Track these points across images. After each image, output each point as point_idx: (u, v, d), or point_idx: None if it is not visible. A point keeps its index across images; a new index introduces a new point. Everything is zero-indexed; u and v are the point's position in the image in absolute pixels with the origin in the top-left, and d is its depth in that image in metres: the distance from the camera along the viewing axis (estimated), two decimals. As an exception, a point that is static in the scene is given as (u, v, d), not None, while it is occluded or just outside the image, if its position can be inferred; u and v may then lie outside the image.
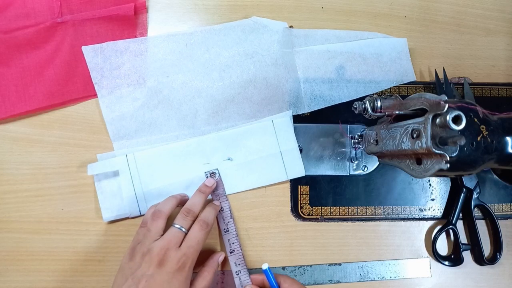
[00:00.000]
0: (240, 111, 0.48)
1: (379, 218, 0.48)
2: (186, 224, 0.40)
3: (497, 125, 0.37)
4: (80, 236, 0.45)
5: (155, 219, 0.40)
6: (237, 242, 0.45)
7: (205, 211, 0.43)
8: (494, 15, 0.53)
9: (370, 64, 0.50)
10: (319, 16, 0.51)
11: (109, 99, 0.46)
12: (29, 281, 0.45)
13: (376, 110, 0.39)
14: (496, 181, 0.50)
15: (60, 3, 0.46)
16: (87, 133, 0.47)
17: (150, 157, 0.46)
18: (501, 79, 0.52)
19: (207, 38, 0.48)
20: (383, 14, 0.52)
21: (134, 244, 0.40)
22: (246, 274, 0.44)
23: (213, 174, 0.46)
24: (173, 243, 0.38)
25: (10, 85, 0.45)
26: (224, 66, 0.48)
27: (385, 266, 0.48)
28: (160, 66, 0.47)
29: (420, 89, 0.51)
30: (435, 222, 0.49)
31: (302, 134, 0.49)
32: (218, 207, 0.45)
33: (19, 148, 0.46)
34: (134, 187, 0.45)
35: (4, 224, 0.45)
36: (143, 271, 0.37)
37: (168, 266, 0.37)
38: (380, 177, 0.49)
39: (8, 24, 0.45)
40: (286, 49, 0.49)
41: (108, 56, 0.46)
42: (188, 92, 0.47)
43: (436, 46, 0.52)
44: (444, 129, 0.33)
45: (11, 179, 0.46)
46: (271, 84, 0.48)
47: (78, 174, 0.46)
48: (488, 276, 0.49)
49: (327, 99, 0.49)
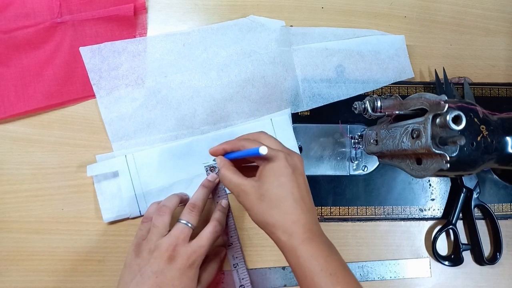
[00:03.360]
0: (238, 110, 0.48)
1: (379, 218, 0.48)
2: (192, 219, 0.40)
3: (497, 125, 0.37)
4: (80, 236, 0.45)
5: (161, 214, 0.40)
6: (235, 235, 0.45)
7: (217, 213, 0.43)
8: (494, 15, 0.53)
9: (368, 62, 0.50)
10: (319, 16, 0.51)
11: (107, 99, 0.46)
12: (29, 281, 0.45)
13: (376, 110, 0.39)
14: (496, 181, 0.49)
15: (60, 3, 0.46)
16: (87, 133, 0.47)
17: (149, 157, 0.46)
18: (501, 79, 0.52)
19: (204, 38, 0.48)
20: (383, 14, 0.52)
21: (138, 240, 0.40)
22: (244, 267, 0.44)
23: (213, 168, 0.46)
24: (181, 239, 0.38)
25: (9, 85, 0.45)
26: (222, 65, 0.48)
27: (385, 266, 0.48)
28: (158, 66, 0.47)
29: (420, 89, 0.50)
30: (435, 222, 0.49)
31: (302, 134, 0.49)
32: (226, 208, 0.45)
33: (19, 148, 0.46)
34: (134, 188, 0.45)
35: (4, 224, 0.45)
36: (153, 267, 0.37)
37: (178, 262, 0.37)
38: (380, 177, 0.49)
39: (7, 24, 0.45)
40: (284, 47, 0.49)
41: (106, 57, 0.46)
42: (187, 92, 0.47)
43: (436, 46, 0.52)
44: (444, 129, 0.33)
45: (11, 179, 0.46)
46: (270, 83, 0.48)
47: (78, 174, 0.46)
48: (488, 276, 0.49)
49: (325, 97, 0.49)
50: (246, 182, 0.37)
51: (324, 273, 0.33)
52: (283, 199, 0.35)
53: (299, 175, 0.37)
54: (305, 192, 0.36)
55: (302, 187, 0.36)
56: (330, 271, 0.33)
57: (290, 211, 0.35)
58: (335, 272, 0.33)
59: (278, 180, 0.35)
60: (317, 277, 0.33)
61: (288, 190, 0.35)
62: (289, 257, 0.35)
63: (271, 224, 0.35)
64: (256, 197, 0.36)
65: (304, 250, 0.34)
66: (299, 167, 0.37)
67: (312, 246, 0.34)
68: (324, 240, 0.35)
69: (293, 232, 0.34)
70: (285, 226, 0.34)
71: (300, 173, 0.37)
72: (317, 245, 0.34)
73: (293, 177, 0.36)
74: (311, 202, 0.37)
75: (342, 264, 0.34)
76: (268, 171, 0.36)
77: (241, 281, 0.45)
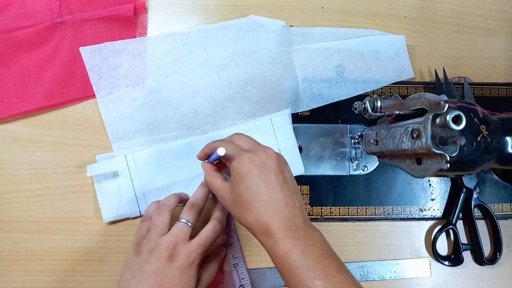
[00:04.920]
0: (238, 110, 0.48)
1: (379, 218, 0.48)
2: (192, 218, 0.40)
3: (497, 125, 0.37)
4: (80, 236, 0.45)
5: (161, 213, 0.40)
6: (235, 235, 0.46)
7: (217, 212, 0.43)
8: (494, 15, 0.53)
9: (368, 62, 0.50)
10: (319, 16, 0.51)
11: (107, 100, 0.46)
12: (29, 281, 0.45)
13: (376, 110, 0.39)
14: (496, 181, 0.49)
15: (60, 4, 0.46)
16: (87, 133, 0.47)
17: (149, 157, 0.46)
18: (501, 79, 0.52)
19: (204, 38, 0.48)
20: (383, 14, 0.52)
21: (138, 240, 0.40)
22: (244, 267, 0.44)
23: None
24: (180, 238, 0.38)
25: (9, 85, 0.45)
26: (222, 65, 0.48)
27: (385, 266, 0.48)
28: (158, 66, 0.47)
29: (420, 89, 0.50)
30: (435, 222, 0.49)
31: (302, 134, 0.49)
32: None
33: (19, 148, 0.46)
34: (134, 188, 0.45)
35: (4, 224, 0.45)
36: (153, 266, 0.37)
37: (178, 261, 0.37)
38: (380, 177, 0.49)
39: (7, 24, 0.45)
40: (284, 47, 0.49)
41: (106, 57, 0.46)
42: (187, 92, 0.47)
43: (436, 46, 0.52)
44: (444, 129, 0.33)
45: (11, 179, 0.46)
46: (270, 83, 0.48)
47: (78, 174, 0.46)
48: (488, 276, 0.49)
49: (326, 97, 0.49)
50: (222, 187, 0.37)
51: (300, 269, 0.31)
52: (252, 202, 0.34)
53: (269, 172, 0.35)
54: (278, 189, 0.35)
55: (274, 184, 0.35)
56: (307, 266, 0.31)
57: (261, 212, 0.34)
58: (313, 266, 0.31)
59: (243, 183, 0.35)
60: (294, 274, 0.32)
61: (255, 192, 0.34)
62: (271, 257, 0.34)
63: (248, 227, 0.35)
64: (231, 201, 0.36)
65: (279, 249, 0.33)
66: (268, 163, 0.36)
67: (287, 243, 0.33)
68: (302, 234, 0.34)
69: (268, 232, 0.34)
70: (260, 227, 0.34)
71: (271, 169, 0.35)
72: (293, 241, 0.33)
73: (260, 177, 0.35)
74: (288, 196, 0.35)
75: (322, 255, 0.32)
76: (234, 175, 0.36)
77: (241, 281, 0.45)
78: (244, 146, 0.38)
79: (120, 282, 0.38)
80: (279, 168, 0.36)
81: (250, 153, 0.36)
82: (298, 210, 0.35)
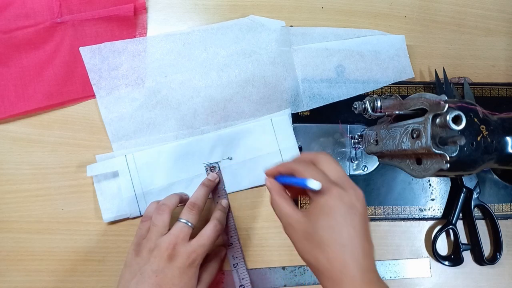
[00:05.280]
0: (238, 110, 0.48)
1: (379, 218, 0.48)
2: (192, 218, 0.40)
3: (497, 125, 0.37)
4: (80, 236, 0.45)
5: (161, 213, 0.40)
6: (235, 235, 0.45)
7: (217, 212, 0.42)
8: (494, 15, 0.53)
9: (368, 62, 0.50)
10: (319, 16, 0.51)
11: (107, 100, 0.46)
12: (29, 281, 0.45)
13: (376, 110, 0.39)
14: (496, 181, 0.49)
15: (60, 3, 0.46)
16: (87, 133, 0.47)
17: (149, 157, 0.46)
18: (501, 79, 0.52)
19: (204, 38, 0.48)
20: (383, 14, 0.52)
21: (138, 240, 0.40)
22: (244, 267, 0.44)
23: (213, 167, 0.47)
24: (180, 238, 0.38)
25: (9, 85, 0.45)
26: (222, 65, 0.48)
27: (385, 266, 0.48)
28: (158, 66, 0.47)
29: (420, 89, 0.50)
30: (435, 222, 0.49)
31: (302, 134, 0.48)
32: (227, 208, 0.45)
33: (19, 148, 0.46)
34: (134, 188, 0.45)
35: (4, 224, 0.45)
36: (153, 266, 0.37)
37: (178, 261, 0.37)
38: (380, 177, 0.49)
39: (7, 24, 0.45)
40: (284, 47, 0.49)
41: (106, 57, 0.46)
42: (187, 92, 0.47)
43: (436, 46, 0.52)
44: (444, 129, 0.33)
45: (11, 179, 0.46)
46: (270, 83, 0.48)
47: (78, 174, 0.46)
48: (488, 276, 0.49)
49: (326, 97, 0.49)
50: (294, 215, 0.33)
51: None
52: (330, 244, 0.31)
53: (355, 216, 0.32)
54: (361, 235, 0.31)
55: (357, 229, 0.31)
56: None
57: (336, 256, 0.31)
58: None
59: (327, 221, 0.31)
60: None
61: (337, 232, 0.31)
62: None
63: (316, 268, 0.32)
64: (302, 235, 0.33)
65: None
66: (356, 205, 0.32)
67: None
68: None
69: (340, 280, 0.30)
70: (331, 273, 0.31)
71: (357, 212, 0.32)
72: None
73: (345, 218, 0.31)
74: (367, 245, 0.32)
75: None
76: (317, 209, 0.32)
77: (241, 281, 0.45)
78: (331, 175, 0.34)
79: (120, 282, 0.38)
80: (364, 213, 0.33)
81: (341, 189, 0.32)
82: (373, 261, 0.32)
